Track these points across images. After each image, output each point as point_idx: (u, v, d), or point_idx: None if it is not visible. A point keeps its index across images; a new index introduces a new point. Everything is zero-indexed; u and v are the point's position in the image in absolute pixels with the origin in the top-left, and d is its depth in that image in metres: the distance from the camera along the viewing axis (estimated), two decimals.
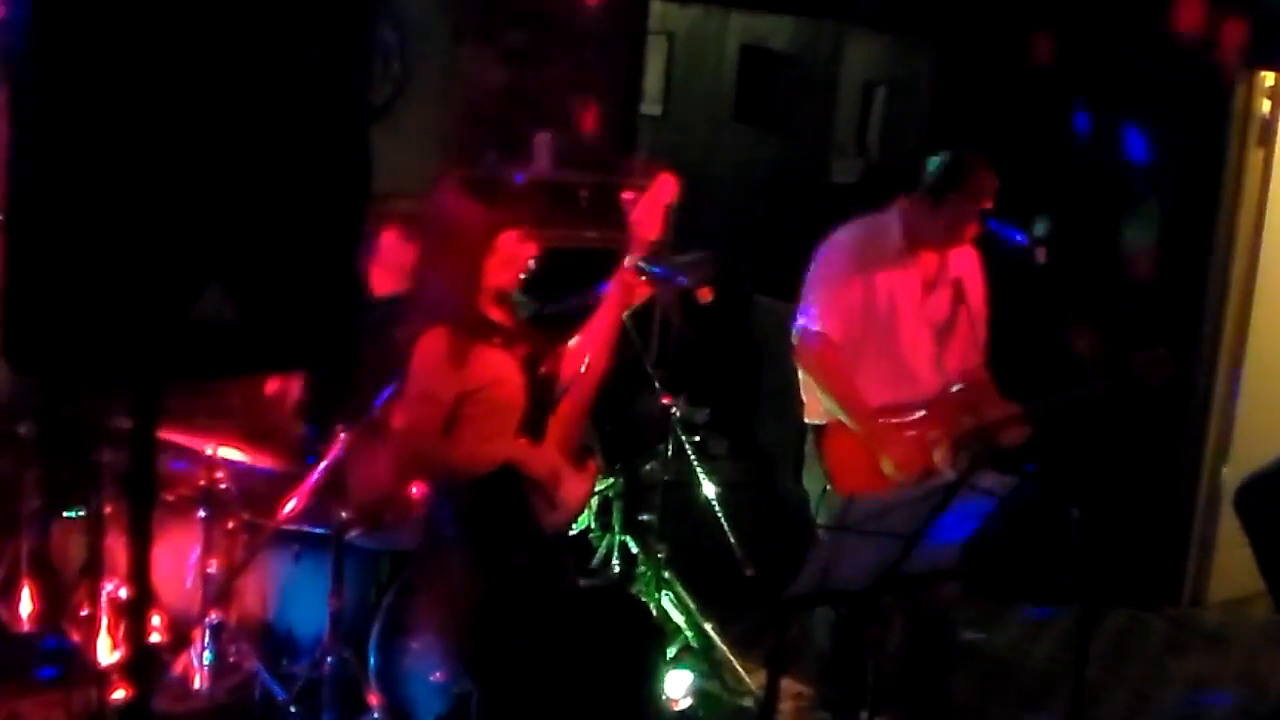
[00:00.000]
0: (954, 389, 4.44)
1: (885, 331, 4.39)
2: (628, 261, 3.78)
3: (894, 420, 4.37)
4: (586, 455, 3.85)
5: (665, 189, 3.78)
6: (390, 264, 4.39)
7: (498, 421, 3.63)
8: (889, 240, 4.39)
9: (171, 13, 2.05)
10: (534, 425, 3.67)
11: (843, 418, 4.33)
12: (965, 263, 4.50)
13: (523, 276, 3.67)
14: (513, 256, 3.60)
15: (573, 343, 3.83)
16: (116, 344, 2.09)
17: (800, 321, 4.38)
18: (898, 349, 4.41)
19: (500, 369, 3.61)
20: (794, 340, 4.41)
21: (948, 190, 4.29)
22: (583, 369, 3.76)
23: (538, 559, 3.75)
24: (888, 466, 4.26)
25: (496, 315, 3.66)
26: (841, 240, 4.43)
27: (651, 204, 3.75)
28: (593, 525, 5.10)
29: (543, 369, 3.71)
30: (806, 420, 4.48)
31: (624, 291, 3.79)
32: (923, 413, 4.40)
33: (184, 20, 2.06)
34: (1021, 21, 6.25)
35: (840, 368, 4.35)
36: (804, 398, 4.48)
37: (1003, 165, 4.36)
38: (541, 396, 3.68)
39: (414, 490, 4.26)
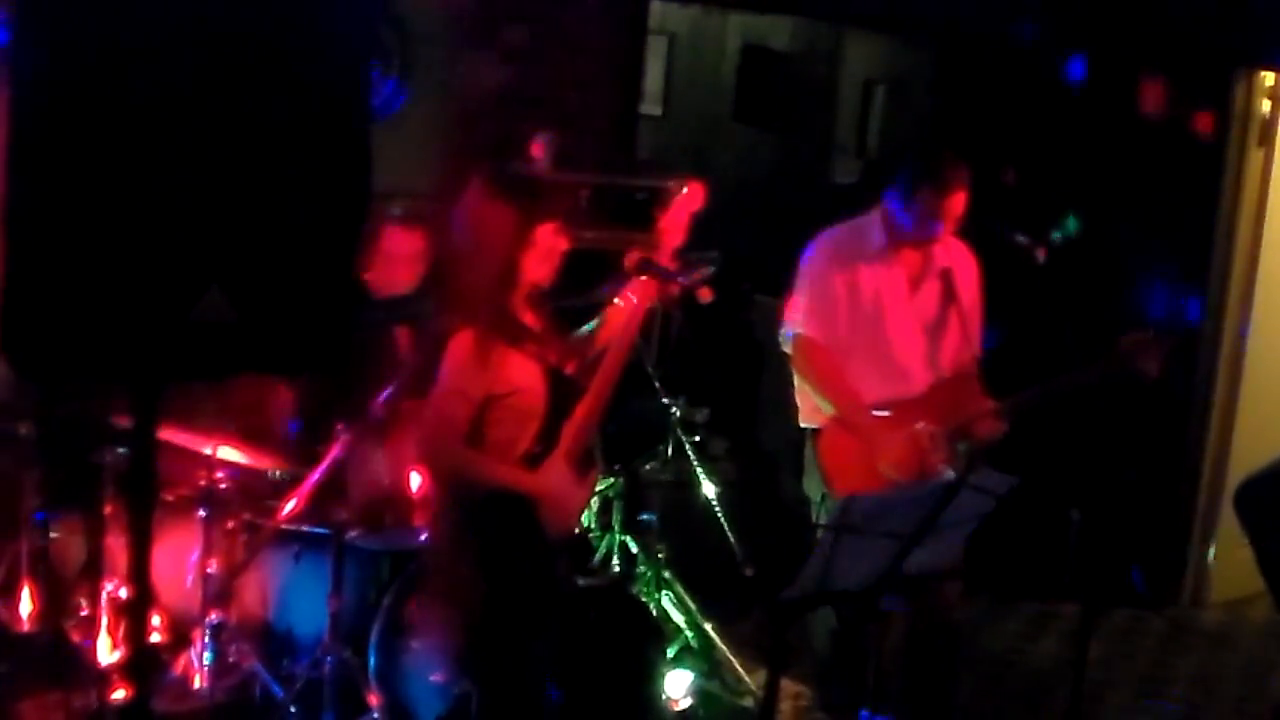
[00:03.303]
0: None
1: (873, 329, 4.40)
2: (637, 262, 3.78)
3: (885, 416, 4.36)
4: (590, 461, 3.85)
5: (694, 198, 3.83)
6: (391, 256, 4.40)
7: (517, 429, 3.61)
8: (870, 239, 4.41)
9: (172, 14, 2.05)
10: (550, 433, 3.66)
11: (832, 412, 4.33)
12: (954, 255, 4.49)
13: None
14: (550, 249, 3.60)
15: (593, 349, 3.83)
16: (116, 344, 2.09)
17: (784, 328, 4.40)
18: (887, 347, 4.41)
19: (525, 377, 3.60)
20: (784, 347, 4.43)
21: (917, 186, 4.30)
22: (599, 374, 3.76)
23: (541, 568, 3.75)
24: (884, 465, 4.26)
25: (527, 318, 3.66)
26: (821, 243, 4.46)
27: (680, 212, 3.80)
28: (593, 525, 5.10)
29: (564, 375, 3.70)
30: (801, 424, 4.49)
31: (642, 295, 3.80)
32: (904, 409, 4.39)
33: (185, 21, 2.06)
34: (1021, 21, 6.25)
35: (829, 366, 4.36)
36: (798, 401, 4.49)
37: (1002, 164, 4.36)
38: (560, 405, 3.67)
39: (413, 492, 4.27)
